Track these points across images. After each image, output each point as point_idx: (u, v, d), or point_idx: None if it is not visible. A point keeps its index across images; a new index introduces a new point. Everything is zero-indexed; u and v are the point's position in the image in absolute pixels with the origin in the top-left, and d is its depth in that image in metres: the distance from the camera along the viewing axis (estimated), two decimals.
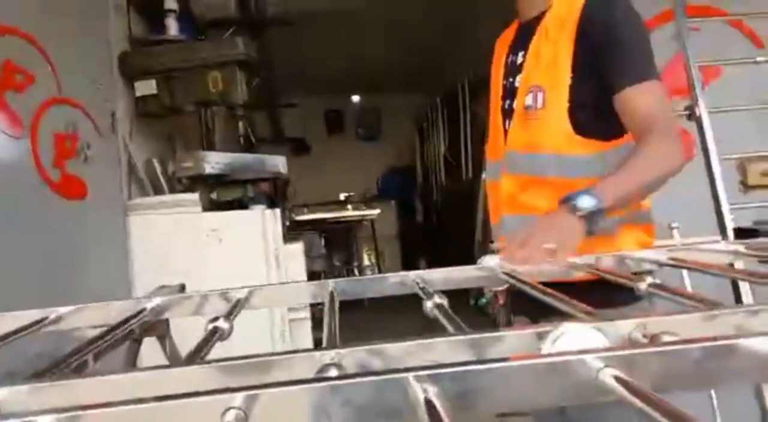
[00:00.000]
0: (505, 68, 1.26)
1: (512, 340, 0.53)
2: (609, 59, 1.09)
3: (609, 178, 0.98)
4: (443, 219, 5.77)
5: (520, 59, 1.21)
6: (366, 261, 6.18)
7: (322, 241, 5.05)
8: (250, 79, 2.67)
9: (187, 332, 1.20)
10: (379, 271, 6.29)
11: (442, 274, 1.05)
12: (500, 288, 1.10)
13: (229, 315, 0.84)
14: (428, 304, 0.80)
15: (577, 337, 0.51)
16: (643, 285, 0.77)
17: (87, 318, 0.98)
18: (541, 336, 0.52)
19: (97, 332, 0.93)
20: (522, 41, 1.22)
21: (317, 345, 2.64)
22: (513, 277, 1.00)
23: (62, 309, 0.99)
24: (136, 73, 2.46)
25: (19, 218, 1.51)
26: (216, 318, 0.78)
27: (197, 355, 0.63)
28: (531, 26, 1.20)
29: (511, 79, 1.23)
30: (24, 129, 1.54)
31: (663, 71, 2.36)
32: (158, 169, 2.43)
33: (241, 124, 2.66)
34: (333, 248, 5.74)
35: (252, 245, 2.17)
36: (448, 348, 0.53)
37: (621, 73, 1.08)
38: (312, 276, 2.80)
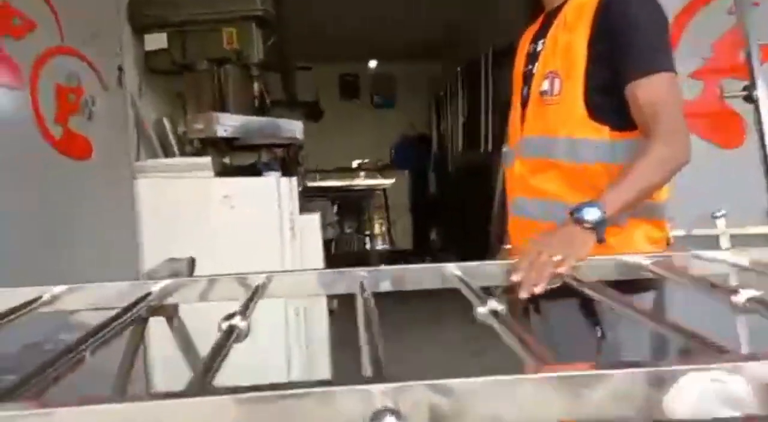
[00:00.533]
0: (526, 57, 1.29)
1: (619, 384, 0.41)
2: (621, 48, 1.10)
3: (612, 189, 1.03)
4: (457, 191, 5.63)
5: (539, 47, 1.24)
6: (377, 230, 6.08)
7: (334, 209, 4.94)
8: (266, 38, 2.51)
9: (198, 311, 1.10)
10: (391, 241, 6.20)
11: (486, 268, 0.94)
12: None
13: (245, 310, 0.73)
14: (481, 310, 0.68)
15: (709, 388, 0.39)
16: (740, 299, 0.66)
17: (86, 299, 0.88)
18: (659, 383, 0.40)
19: (96, 316, 0.82)
20: (543, 30, 1.25)
21: (332, 313, 2.55)
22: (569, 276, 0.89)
23: (57, 289, 0.88)
24: (146, 25, 2.30)
25: (18, 177, 1.40)
26: (231, 316, 0.66)
27: (209, 373, 0.51)
28: (553, 15, 1.23)
29: (530, 67, 1.25)
30: (23, 79, 1.42)
31: (714, 48, 2.19)
32: (169, 130, 2.30)
33: (256, 84, 2.50)
34: (344, 216, 5.63)
35: (266, 214, 2.05)
36: (533, 389, 0.42)
37: (631, 64, 1.09)
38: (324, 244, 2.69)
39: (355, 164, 6.62)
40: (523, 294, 0.88)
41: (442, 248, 6.20)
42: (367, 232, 5.99)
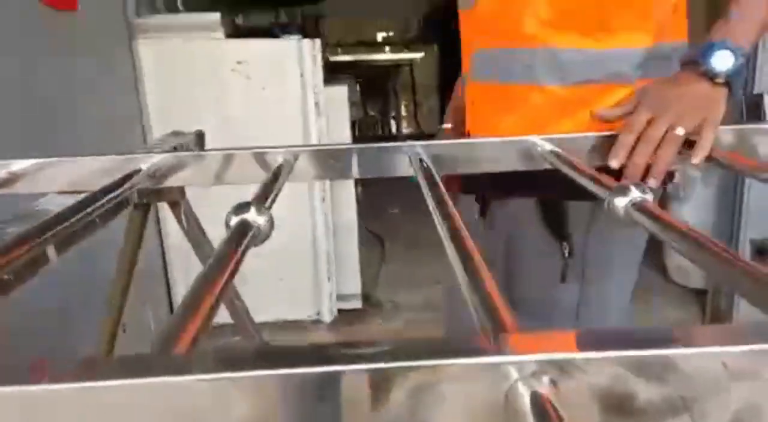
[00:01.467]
0: None
1: None
2: None
3: (733, 15, 0.68)
4: None
5: None
6: (403, 112, 5.76)
7: (357, 87, 4.60)
8: None
9: (210, 195, 0.91)
10: (417, 124, 5.89)
11: (584, 143, 0.70)
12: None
13: (264, 198, 0.52)
14: (619, 203, 0.46)
15: None
16: None
17: (58, 179, 0.68)
18: None
19: (67, 202, 0.63)
20: None
21: (358, 202, 2.36)
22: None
23: (19, 164, 0.67)
24: None
25: None
26: (244, 206, 0.46)
27: (191, 325, 0.30)
28: None
29: None
30: None
31: None
32: None
33: None
34: (367, 96, 5.30)
35: (287, 85, 1.80)
36: None
37: None
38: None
39: (379, 38, 6.12)
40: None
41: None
42: (393, 114, 5.68)
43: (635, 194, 0.44)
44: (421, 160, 0.63)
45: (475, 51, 0.85)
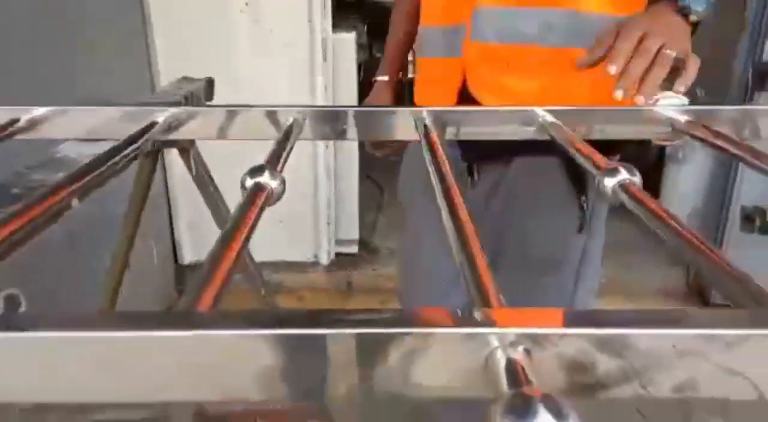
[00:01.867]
0: None
1: None
2: None
3: None
4: None
5: None
6: (410, 56, 5.65)
7: (365, 29, 4.48)
8: None
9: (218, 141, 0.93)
10: None
11: (591, 115, 0.72)
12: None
13: (276, 161, 0.55)
14: (608, 183, 0.49)
15: None
16: None
17: (74, 127, 0.70)
18: None
19: (86, 150, 0.65)
20: None
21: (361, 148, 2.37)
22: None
23: (38, 111, 0.70)
24: None
25: None
26: (258, 170, 0.48)
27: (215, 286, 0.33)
28: None
29: None
30: None
31: None
32: None
33: None
34: (374, 37, 5.18)
35: (294, 28, 1.77)
36: None
37: None
38: None
39: None
40: (618, 95, 0.62)
41: None
42: None
43: (624, 176, 0.47)
44: (425, 125, 0.65)
45: (476, 8, 0.81)
